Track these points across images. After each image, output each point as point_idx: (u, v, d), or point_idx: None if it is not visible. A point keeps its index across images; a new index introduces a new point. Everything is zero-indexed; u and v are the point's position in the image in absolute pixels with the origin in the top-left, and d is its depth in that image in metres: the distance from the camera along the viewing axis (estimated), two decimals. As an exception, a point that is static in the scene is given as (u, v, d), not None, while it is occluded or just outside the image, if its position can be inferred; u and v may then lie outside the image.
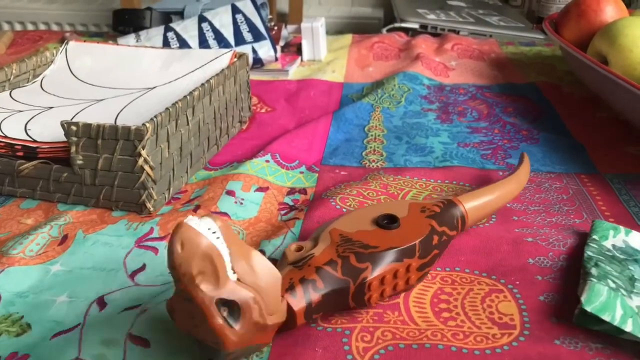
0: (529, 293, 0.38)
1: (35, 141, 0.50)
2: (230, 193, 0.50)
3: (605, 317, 0.35)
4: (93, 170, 0.47)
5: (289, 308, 0.33)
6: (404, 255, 0.36)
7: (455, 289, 0.39)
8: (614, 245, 0.42)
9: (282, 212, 0.49)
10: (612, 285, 0.37)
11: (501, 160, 0.58)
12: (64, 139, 0.47)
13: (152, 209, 0.48)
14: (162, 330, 0.35)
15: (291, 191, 0.53)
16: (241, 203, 0.49)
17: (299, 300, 0.33)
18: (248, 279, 0.30)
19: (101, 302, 0.38)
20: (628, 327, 0.34)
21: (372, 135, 0.65)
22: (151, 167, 0.47)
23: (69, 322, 0.36)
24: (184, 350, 0.34)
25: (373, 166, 0.57)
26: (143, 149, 0.45)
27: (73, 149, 0.47)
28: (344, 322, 0.36)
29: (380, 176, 0.54)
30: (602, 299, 0.36)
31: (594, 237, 0.43)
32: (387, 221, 0.39)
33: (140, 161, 0.46)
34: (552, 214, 0.48)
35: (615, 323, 0.34)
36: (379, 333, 0.35)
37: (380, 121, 0.68)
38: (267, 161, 0.56)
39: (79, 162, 0.47)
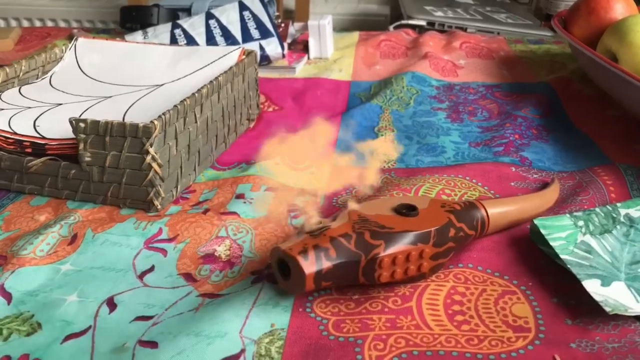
0: (543, 295, 0.38)
1: (43, 138, 0.50)
2: (240, 197, 0.50)
3: (543, 231, 0.37)
4: (101, 168, 0.47)
5: (300, 270, 0.34)
6: (419, 239, 0.37)
7: (468, 288, 0.38)
8: (627, 214, 0.42)
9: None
10: (580, 224, 0.38)
11: (514, 153, 0.57)
12: (72, 135, 0.47)
13: (159, 206, 0.48)
14: (172, 337, 0.35)
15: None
16: (250, 202, 0.49)
17: (310, 264, 0.34)
18: None
19: (111, 303, 0.38)
20: (555, 243, 0.37)
21: (382, 136, 0.64)
22: (159, 165, 0.46)
23: (79, 323, 0.36)
24: (190, 350, 0.33)
25: (384, 167, 0.57)
26: (151, 147, 0.45)
27: (81, 145, 0.46)
28: (356, 331, 0.35)
29: (392, 179, 0.54)
30: (556, 224, 0.38)
31: (618, 204, 0.43)
32: (406, 210, 0.39)
33: (148, 158, 0.46)
34: (565, 207, 0.47)
35: (547, 237, 0.36)
36: (392, 340, 0.34)
37: (390, 122, 0.68)
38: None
39: (87, 159, 0.47)
